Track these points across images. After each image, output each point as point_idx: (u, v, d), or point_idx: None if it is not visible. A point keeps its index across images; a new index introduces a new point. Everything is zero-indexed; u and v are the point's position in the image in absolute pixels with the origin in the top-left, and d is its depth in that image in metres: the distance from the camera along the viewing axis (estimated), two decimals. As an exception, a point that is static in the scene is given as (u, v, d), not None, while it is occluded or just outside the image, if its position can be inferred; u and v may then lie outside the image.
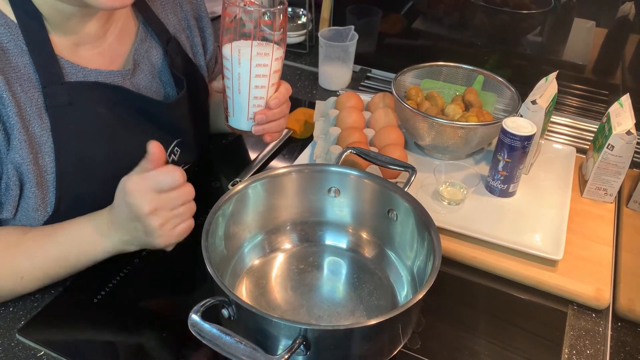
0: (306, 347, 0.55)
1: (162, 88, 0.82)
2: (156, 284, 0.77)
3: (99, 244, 0.69)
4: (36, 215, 0.70)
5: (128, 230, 0.67)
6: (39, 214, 0.70)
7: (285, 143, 1.05)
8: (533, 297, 0.77)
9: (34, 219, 0.70)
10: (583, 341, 0.72)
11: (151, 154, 0.65)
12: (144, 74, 0.79)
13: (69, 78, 0.70)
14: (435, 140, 0.94)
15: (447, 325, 0.73)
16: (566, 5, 1.14)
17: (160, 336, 0.69)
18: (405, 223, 0.72)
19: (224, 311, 0.58)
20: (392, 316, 0.56)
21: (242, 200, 0.73)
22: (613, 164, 0.87)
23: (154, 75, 0.80)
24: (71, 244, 0.69)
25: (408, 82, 1.05)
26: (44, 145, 0.68)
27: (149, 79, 0.79)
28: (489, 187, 0.91)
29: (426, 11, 1.30)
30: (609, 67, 1.16)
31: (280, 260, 0.77)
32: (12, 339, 0.68)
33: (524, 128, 0.84)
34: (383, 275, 0.75)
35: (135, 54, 0.78)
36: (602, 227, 0.87)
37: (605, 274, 0.79)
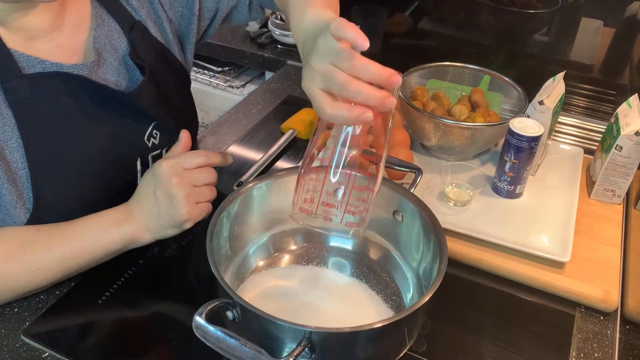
0: (311, 349, 0.55)
1: (129, 74, 0.78)
2: (161, 286, 0.76)
3: (115, 233, 0.70)
4: (16, 213, 0.69)
5: (150, 209, 0.69)
6: (18, 211, 0.69)
7: (290, 144, 1.05)
8: (540, 300, 0.77)
9: (15, 217, 0.69)
10: (591, 344, 0.71)
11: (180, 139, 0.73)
12: (109, 63, 0.76)
13: (28, 71, 0.68)
14: (441, 141, 0.94)
15: (453, 328, 0.72)
16: (573, 5, 1.14)
17: (165, 338, 0.69)
18: (411, 224, 0.72)
19: (228, 313, 0.58)
20: (398, 319, 0.56)
21: (247, 201, 0.72)
22: (621, 165, 0.86)
23: (119, 62, 0.77)
24: (87, 234, 0.70)
25: (414, 83, 1.05)
26: (10, 141, 0.67)
27: (115, 67, 0.76)
28: (495, 189, 0.91)
29: (432, 11, 1.29)
30: (617, 67, 1.15)
31: (285, 262, 0.77)
32: (16, 340, 0.68)
33: (531, 129, 0.83)
34: (389, 277, 0.75)
35: (96, 42, 0.75)
36: (610, 229, 0.86)
37: (613, 276, 0.78)
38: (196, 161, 0.70)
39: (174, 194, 0.68)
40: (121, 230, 0.70)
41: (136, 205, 0.71)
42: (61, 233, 0.69)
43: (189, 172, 0.70)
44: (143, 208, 0.70)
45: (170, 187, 0.68)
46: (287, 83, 1.29)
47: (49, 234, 0.69)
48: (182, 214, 0.69)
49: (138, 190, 0.72)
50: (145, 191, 0.70)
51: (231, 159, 0.75)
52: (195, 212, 0.70)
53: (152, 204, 0.69)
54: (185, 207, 0.68)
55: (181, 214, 0.69)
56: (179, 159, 0.70)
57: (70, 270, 0.70)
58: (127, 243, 0.71)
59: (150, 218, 0.70)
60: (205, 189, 0.71)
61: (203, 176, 0.70)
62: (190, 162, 0.70)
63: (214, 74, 1.50)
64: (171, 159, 0.70)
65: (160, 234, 0.71)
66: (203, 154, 0.71)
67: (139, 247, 0.80)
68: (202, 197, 0.70)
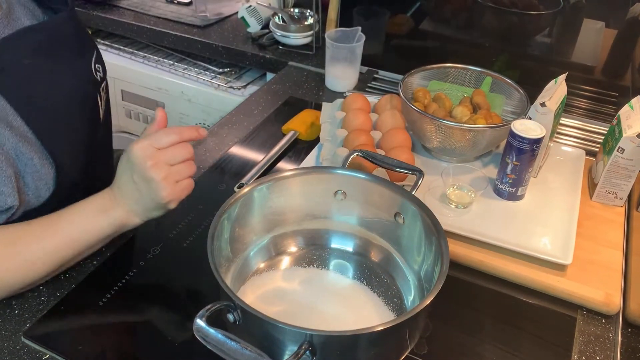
0: (312, 352, 0.55)
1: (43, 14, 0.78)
2: (161, 288, 0.76)
3: (103, 219, 0.70)
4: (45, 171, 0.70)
5: (132, 195, 0.69)
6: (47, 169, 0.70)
7: (291, 145, 1.05)
8: (542, 302, 0.77)
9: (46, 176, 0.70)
10: (593, 347, 0.71)
11: (156, 118, 0.72)
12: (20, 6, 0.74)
13: None
14: (442, 143, 0.94)
15: (455, 330, 0.72)
16: (575, 6, 1.13)
17: (166, 340, 0.68)
18: (413, 226, 0.72)
19: (229, 316, 0.58)
20: (399, 322, 0.55)
21: (247, 203, 0.72)
22: (623, 167, 0.86)
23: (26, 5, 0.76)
24: (75, 224, 0.70)
25: (415, 84, 1.04)
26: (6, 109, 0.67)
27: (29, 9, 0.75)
28: (497, 191, 0.90)
29: (434, 12, 1.29)
30: (619, 69, 1.15)
31: (286, 264, 0.77)
32: (17, 342, 0.68)
33: (533, 131, 0.83)
34: (390, 279, 0.75)
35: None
36: (612, 231, 0.86)
37: (615, 279, 0.78)
38: (169, 139, 0.68)
39: (151, 178, 0.67)
40: (109, 217, 0.70)
41: (118, 191, 0.70)
42: (50, 225, 0.69)
43: (163, 151, 0.68)
44: (125, 194, 0.70)
45: (146, 171, 0.67)
46: (288, 84, 1.29)
47: (39, 227, 0.69)
48: (162, 196, 0.68)
49: (117, 175, 0.71)
50: (124, 176, 0.69)
51: (205, 132, 0.73)
52: (176, 192, 0.69)
53: (133, 189, 0.69)
54: (165, 189, 0.67)
55: (162, 196, 0.68)
56: (150, 139, 0.68)
57: (64, 260, 0.70)
58: (117, 228, 0.71)
59: (134, 203, 0.70)
60: (183, 166, 0.69)
61: (178, 153, 0.69)
62: (163, 141, 0.68)
63: (215, 75, 1.50)
64: (143, 140, 0.68)
65: (148, 216, 0.72)
66: (175, 131, 0.69)
67: (139, 249, 0.81)
68: (180, 175, 0.69)
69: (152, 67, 1.54)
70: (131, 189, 0.69)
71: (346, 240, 0.79)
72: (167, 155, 0.68)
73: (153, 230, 0.85)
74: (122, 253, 0.81)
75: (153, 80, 1.52)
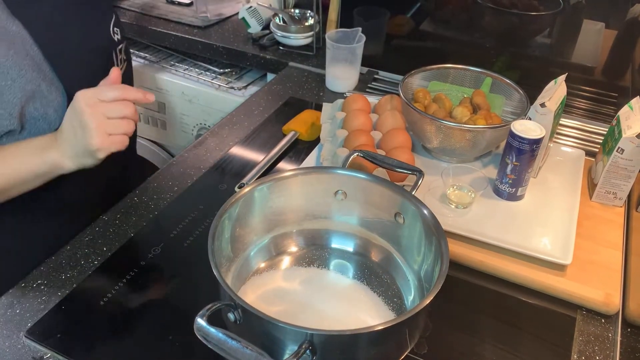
0: (312, 352, 0.55)
1: None
2: (162, 288, 0.77)
3: (40, 157, 0.74)
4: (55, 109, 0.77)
5: (68, 138, 0.73)
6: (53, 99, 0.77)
7: (292, 146, 1.05)
8: (541, 302, 0.77)
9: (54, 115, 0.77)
10: (592, 347, 0.71)
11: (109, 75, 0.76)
12: None
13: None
14: (442, 143, 0.94)
15: (455, 330, 0.72)
16: (575, 7, 1.13)
17: (167, 340, 0.69)
18: (413, 226, 0.72)
19: (229, 315, 0.58)
20: (399, 321, 0.56)
21: (248, 203, 0.72)
22: (623, 168, 0.86)
23: None
24: (17, 156, 0.75)
25: (415, 84, 1.05)
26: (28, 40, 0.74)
27: None
28: (497, 191, 0.91)
29: (434, 13, 1.29)
30: (619, 70, 1.15)
31: (287, 264, 0.77)
32: (18, 341, 0.68)
33: (533, 131, 0.83)
34: (390, 279, 0.75)
35: None
36: (611, 232, 0.86)
37: (614, 279, 0.78)
38: (113, 94, 0.72)
39: (86, 124, 0.70)
40: (45, 155, 0.74)
41: (60, 134, 0.74)
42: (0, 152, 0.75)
43: (104, 104, 0.71)
44: (64, 137, 0.74)
45: (84, 117, 0.70)
46: (288, 85, 1.29)
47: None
48: (92, 144, 0.71)
49: (63, 119, 0.75)
50: (66, 121, 0.74)
51: (153, 97, 0.76)
52: (106, 142, 0.71)
53: (70, 133, 0.73)
54: (96, 138, 0.71)
55: (92, 143, 0.71)
56: (96, 90, 0.72)
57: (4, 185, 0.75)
58: (50, 168, 0.75)
59: (69, 146, 0.73)
60: (120, 121, 0.72)
61: (118, 109, 0.72)
62: (107, 95, 0.72)
63: (215, 76, 1.50)
64: (89, 90, 0.72)
65: (79, 162, 0.74)
66: (120, 88, 0.73)
67: (140, 248, 0.81)
68: (115, 128, 0.72)
69: (153, 68, 1.54)
70: (69, 133, 0.73)
71: (346, 240, 0.79)
72: (106, 108, 0.72)
73: (154, 230, 0.85)
74: (123, 253, 0.81)
75: (154, 80, 1.53)
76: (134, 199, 0.91)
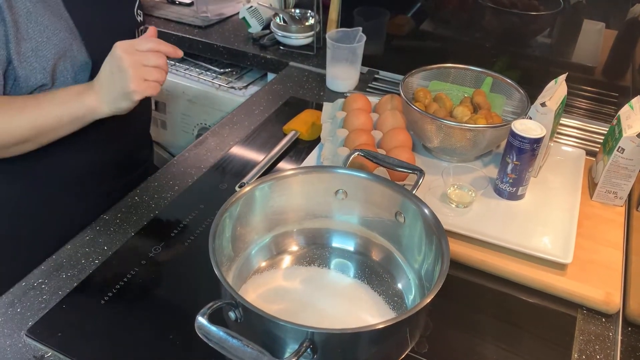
0: (313, 350, 0.55)
1: None
2: (163, 286, 0.77)
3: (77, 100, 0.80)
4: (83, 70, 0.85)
5: (106, 84, 0.80)
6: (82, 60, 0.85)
7: (293, 145, 1.05)
8: (542, 301, 0.77)
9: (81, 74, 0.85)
10: (593, 346, 0.71)
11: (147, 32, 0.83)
12: None
13: None
14: (443, 143, 0.94)
15: (455, 329, 0.72)
16: (576, 7, 1.13)
17: (167, 338, 0.69)
18: (413, 226, 0.72)
19: (230, 314, 0.58)
20: (400, 320, 0.56)
21: (249, 202, 0.72)
22: (623, 167, 0.86)
23: None
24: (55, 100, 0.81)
25: (416, 84, 1.05)
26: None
27: None
28: (497, 190, 0.91)
29: (434, 13, 1.29)
30: (619, 69, 1.15)
31: (287, 263, 0.77)
32: (19, 340, 0.68)
33: (533, 130, 0.83)
34: (390, 278, 0.75)
35: None
36: (612, 231, 0.86)
37: (615, 278, 0.78)
38: (148, 45, 0.80)
39: (124, 68, 0.78)
40: (82, 99, 0.80)
41: (97, 81, 0.81)
42: (35, 99, 0.81)
43: (140, 52, 0.79)
44: (101, 83, 0.81)
45: (122, 63, 0.78)
46: (289, 84, 1.29)
47: (23, 100, 0.81)
48: (129, 86, 0.78)
49: (100, 70, 0.81)
50: (104, 69, 0.80)
51: (181, 52, 0.84)
52: (142, 86, 0.79)
53: (108, 78, 0.80)
54: (133, 80, 0.78)
55: (129, 85, 0.78)
56: (133, 42, 0.80)
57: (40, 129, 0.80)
58: (86, 111, 0.81)
59: (106, 91, 0.80)
60: (154, 69, 0.80)
61: (153, 58, 0.80)
62: (143, 46, 0.80)
63: (216, 75, 1.50)
64: (127, 41, 0.80)
65: (115, 106, 0.81)
66: (155, 41, 0.81)
67: (141, 247, 0.81)
68: (149, 75, 0.80)
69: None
70: (107, 78, 0.80)
71: (347, 240, 0.79)
72: (143, 56, 0.79)
73: (154, 229, 0.85)
74: (124, 252, 0.81)
75: (154, 80, 1.52)
76: (135, 198, 0.91)
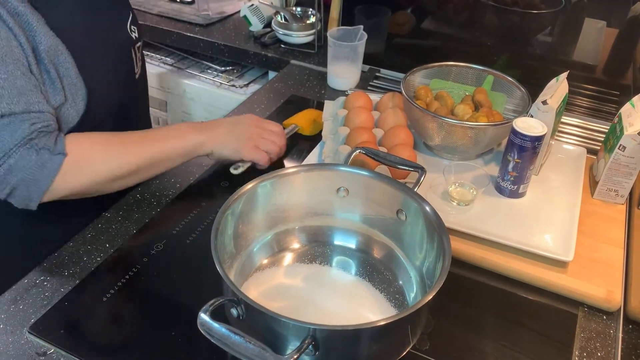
0: (315, 347, 0.55)
1: None
2: (165, 283, 0.77)
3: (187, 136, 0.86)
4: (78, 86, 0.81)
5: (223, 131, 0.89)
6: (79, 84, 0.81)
7: (294, 144, 1.05)
8: (543, 299, 0.77)
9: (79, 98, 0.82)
10: (594, 343, 0.71)
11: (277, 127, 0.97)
12: None
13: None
14: (444, 141, 0.94)
15: (456, 327, 0.73)
16: (577, 5, 1.13)
17: (170, 335, 0.69)
18: (415, 223, 0.72)
19: (232, 310, 0.58)
20: (401, 317, 0.56)
21: (251, 200, 0.73)
22: (624, 165, 0.87)
23: None
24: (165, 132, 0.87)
25: (417, 82, 1.05)
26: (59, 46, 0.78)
27: None
28: (498, 188, 0.91)
29: (435, 11, 1.29)
30: (620, 68, 1.15)
31: (289, 260, 0.77)
32: (22, 337, 0.68)
33: (535, 128, 0.83)
34: (392, 275, 0.75)
35: None
36: (613, 229, 0.86)
37: (616, 276, 0.78)
38: (271, 126, 0.94)
39: (246, 133, 0.90)
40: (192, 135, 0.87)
41: (215, 124, 0.90)
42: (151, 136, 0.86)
43: (260, 128, 0.93)
44: (219, 128, 0.90)
45: (248, 128, 0.91)
46: (290, 82, 1.30)
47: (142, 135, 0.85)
48: (242, 147, 0.90)
49: (220, 120, 0.92)
50: (227, 120, 0.92)
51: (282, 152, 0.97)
52: (252, 153, 0.90)
53: (228, 129, 0.90)
54: (246, 146, 0.90)
55: (242, 146, 0.90)
56: (263, 119, 0.94)
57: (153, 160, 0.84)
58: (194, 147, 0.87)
59: (221, 136, 0.89)
60: (270, 142, 0.92)
61: (271, 135, 0.93)
62: (267, 125, 0.94)
63: (217, 74, 1.51)
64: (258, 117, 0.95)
65: (220, 150, 0.89)
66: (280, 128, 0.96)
67: (143, 245, 0.81)
68: (263, 145, 0.91)
69: (155, 66, 1.55)
70: (227, 129, 0.90)
71: (349, 237, 0.80)
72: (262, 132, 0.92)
73: (156, 227, 0.85)
74: (126, 249, 0.81)
75: (155, 78, 1.53)
76: (137, 196, 0.91)
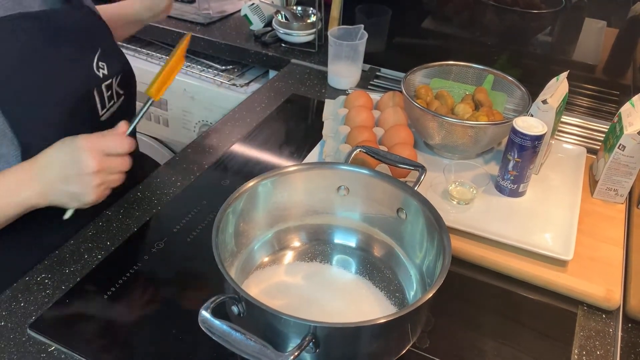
0: (315, 344, 0.55)
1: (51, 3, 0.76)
2: (166, 280, 0.77)
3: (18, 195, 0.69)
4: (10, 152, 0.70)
5: (55, 182, 0.69)
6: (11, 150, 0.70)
7: (294, 143, 1.05)
8: (543, 298, 0.77)
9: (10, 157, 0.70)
10: (593, 342, 0.71)
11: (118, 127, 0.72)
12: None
13: None
14: (444, 140, 0.94)
15: (456, 325, 0.73)
16: (577, 5, 1.14)
17: (170, 332, 0.69)
18: (415, 222, 0.72)
19: (233, 308, 0.58)
20: (401, 315, 0.56)
21: (252, 198, 0.73)
22: (624, 165, 0.87)
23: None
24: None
25: (417, 81, 1.05)
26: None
27: None
28: (498, 187, 0.91)
29: (436, 10, 1.29)
30: (620, 67, 1.15)
31: (289, 258, 0.77)
32: (23, 334, 0.69)
33: (535, 128, 0.83)
34: (392, 274, 0.75)
35: None
36: (612, 228, 0.86)
37: (615, 275, 0.78)
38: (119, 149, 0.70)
39: (88, 182, 0.68)
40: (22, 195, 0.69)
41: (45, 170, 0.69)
42: None
43: (109, 159, 0.69)
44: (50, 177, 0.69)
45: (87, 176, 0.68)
46: (290, 81, 1.30)
47: None
48: (88, 201, 0.70)
49: (49, 156, 0.69)
50: (57, 161, 0.69)
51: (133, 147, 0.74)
52: (99, 198, 0.71)
53: (61, 177, 0.69)
54: (92, 196, 0.69)
55: (87, 200, 0.70)
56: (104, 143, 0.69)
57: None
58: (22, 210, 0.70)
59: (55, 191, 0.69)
60: (117, 176, 0.72)
61: (120, 164, 0.71)
62: (113, 149, 0.70)
63: (217, 73, 1.51)
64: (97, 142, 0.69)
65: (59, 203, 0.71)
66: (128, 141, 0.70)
67: (143, 243, 0.81)
68: (111, 183, 0.72)
69: (155, 65, 1.55)
70: (59, 177, 0.69)
71: (349, 236, 0.80)
72: (111, 165, 0.70)
73: (157, 225, 0.85)
74: (127, 247, 0.81)
75: (156, 77, 1.53)
76: (137, 194, 0.92)
